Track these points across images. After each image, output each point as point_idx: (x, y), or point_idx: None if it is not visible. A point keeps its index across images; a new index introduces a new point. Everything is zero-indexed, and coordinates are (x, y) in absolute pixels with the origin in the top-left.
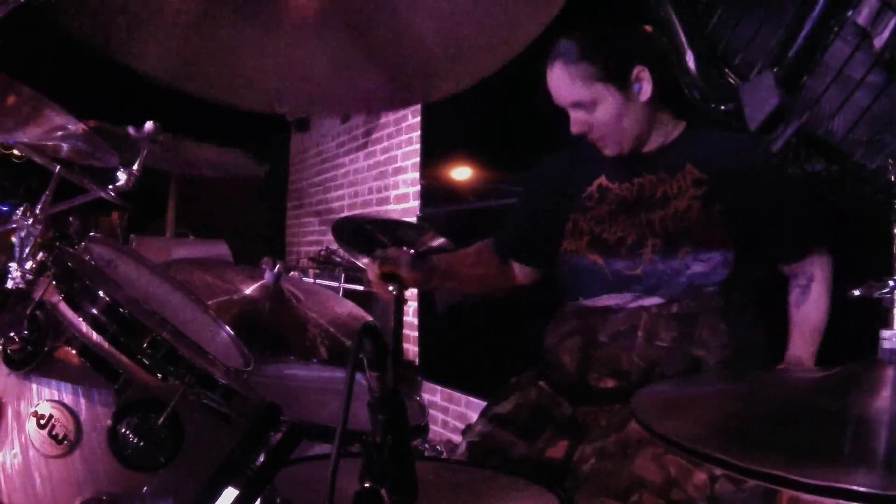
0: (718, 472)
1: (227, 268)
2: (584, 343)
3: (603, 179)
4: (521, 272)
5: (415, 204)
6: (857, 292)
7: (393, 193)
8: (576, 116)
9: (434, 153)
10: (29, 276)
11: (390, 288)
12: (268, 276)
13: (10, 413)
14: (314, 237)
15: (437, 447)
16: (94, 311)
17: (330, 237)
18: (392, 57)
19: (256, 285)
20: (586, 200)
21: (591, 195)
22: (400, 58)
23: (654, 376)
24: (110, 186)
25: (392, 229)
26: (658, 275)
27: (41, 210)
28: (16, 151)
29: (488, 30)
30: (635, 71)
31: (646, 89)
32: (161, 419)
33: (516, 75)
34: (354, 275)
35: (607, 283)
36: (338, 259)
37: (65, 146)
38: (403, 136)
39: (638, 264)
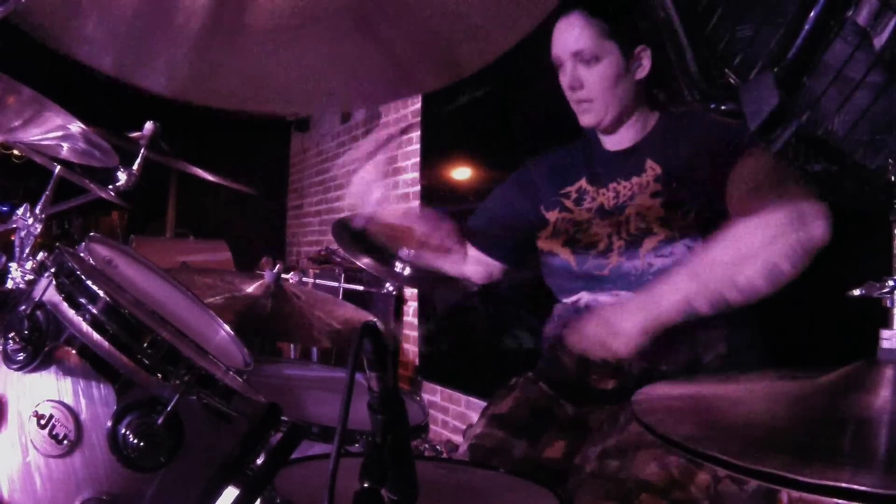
0: (721, 472)
1: (228, 273)
2: None
3: (584, 182)
4: (476, 265)
5: (415, 204)
6: (857, 292)
7: (393, 193)
8: (573, 69)
9: (434, 153)
10: (29, 276)
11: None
12: (268, 276)
13: (10, 413)
14: (314, 237)
15: (437, 447)
16: (94, 311)
17: (330, 237)
18: (396, 46)
19: (256, 284)
20: (564, 199)
21: (569, 194)
22: (403, 47)
23: (654, 375)
24: (110, 186)
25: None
26: (624, 275)
27: (41, 210)
28: (16, 151)
29: (492, 14)
30: (640, 48)
31: (644, 67)
32: (161, 419)
33: (516, 75)
34: (354, 275)
35: (580, 282)
36: (338, 259)
37: (65, 146)
38: (403, 136)
39: (605, 265)
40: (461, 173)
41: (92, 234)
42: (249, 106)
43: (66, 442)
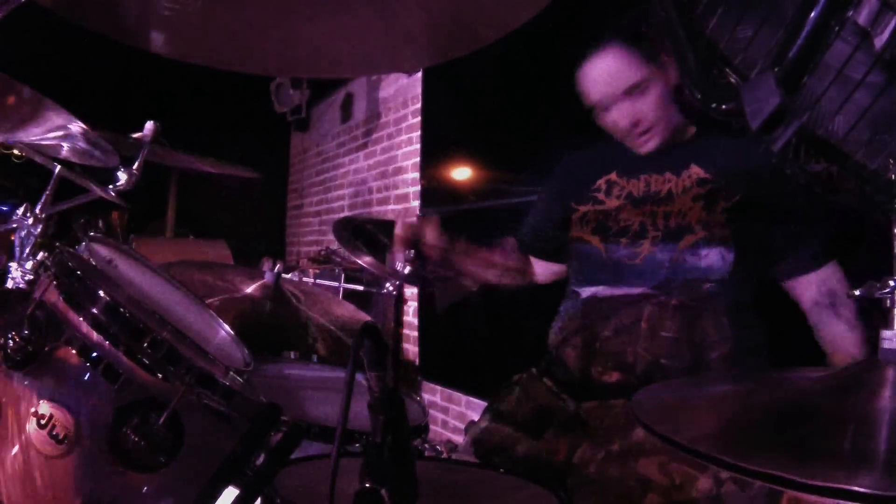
0: (724, 475)
1: (228, 268)
2: (589, 337)
3: (613, 175)
4: (540, 269)
5: (415, 204)
6: (857, 292)
7: (393, 193)
8: (631, 105)
9: (434, 153)
10: (29, 276)
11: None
12: (268, 276)
13: (10, 413)
14: (314, 237)
15: (437, 447)
16: (95, 311)
17: (330, 237)
18: (399, 16)
19: (256, 285)
20: (595, 193)
21: (600, 188)
22: (407, 17)
23: (659, 369)
24: (110, 186)
25: (392, 229)
26: (655, 266)
27: (41, 210)
28: (16, 151)
29: None
30: (663, 55)
31: (671, 77)
32: (161, 419)
33: (516, 75)
34: (354, 275)
35: (606, 271)
36: (338, 259)
37: (65, 146)
38: (403, 136)
39: (637, 254)
40: (461, 173)
41: (92, 234)
42: (251, 67)
43: (66, 442)
